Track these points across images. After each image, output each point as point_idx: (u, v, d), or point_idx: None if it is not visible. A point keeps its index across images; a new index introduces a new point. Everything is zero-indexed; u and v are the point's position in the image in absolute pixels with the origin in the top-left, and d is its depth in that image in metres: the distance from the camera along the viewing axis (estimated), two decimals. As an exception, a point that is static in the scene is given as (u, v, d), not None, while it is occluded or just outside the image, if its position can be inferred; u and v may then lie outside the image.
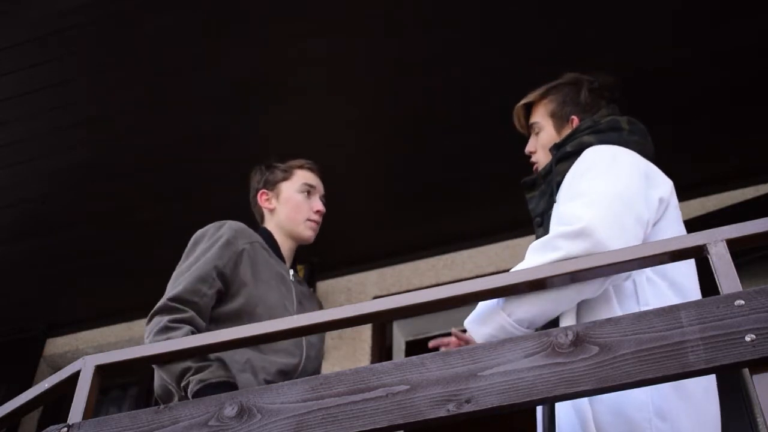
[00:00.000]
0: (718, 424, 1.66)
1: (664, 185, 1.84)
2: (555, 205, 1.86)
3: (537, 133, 2.16)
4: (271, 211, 2.39)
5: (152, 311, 2.05)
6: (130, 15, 2.80)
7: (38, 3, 2.75)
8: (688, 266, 1.77)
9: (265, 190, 2.41)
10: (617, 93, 2.18)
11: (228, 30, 2.85)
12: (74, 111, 3.14)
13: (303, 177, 2.41)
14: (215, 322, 2.09)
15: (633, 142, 1.92)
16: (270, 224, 2.38)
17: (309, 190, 2.39)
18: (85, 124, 3.20)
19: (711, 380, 1.68)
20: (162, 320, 2.00)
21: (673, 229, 1.79)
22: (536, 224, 1.96)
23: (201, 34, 2.87)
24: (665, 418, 1.53)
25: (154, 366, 2.02)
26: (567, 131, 2.07)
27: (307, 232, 2.36)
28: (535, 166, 2.15)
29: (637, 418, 1.53)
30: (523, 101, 2.22)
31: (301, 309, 2.27)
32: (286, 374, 2.09)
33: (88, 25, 2.83)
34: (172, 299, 2.04)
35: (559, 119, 2.12)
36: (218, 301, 2.12)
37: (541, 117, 2.16)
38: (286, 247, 2.36)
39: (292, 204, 2.36)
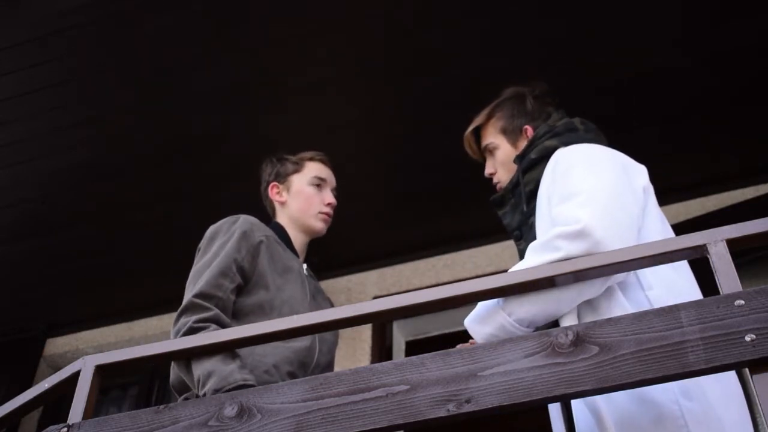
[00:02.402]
0: (742, 396, 1.66)
1: (642, 173, 1.87)
2: (537, 210, 1.87)
3: (492, 153, 2.19)
4: (282, 204, 2.38)
5: (178, 311, 2.02)
6: (130, 15, 2.80)
7: (38, 3, 2.75)
8: None
9: (276, 183, 2.40)
10: (558, 98, 2.21)
11: (228, 30, 2.85)
12: (74, 111, 3.14)
13: (314, 169, 2.40)
14: (236, 316, 2.08)
15: (591, 139, 1.97)
16: (282, 218, 2.38)
17: (320, 183, 2.39)
18: (85, 124, 3.19)
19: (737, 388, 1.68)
20: (187, 322, 1.97)
21: (656, 213, 1.83)
22: (515, 238, 2.00)
23: (201, 34, 2.86)
24: (691, 396, 1.53)
25: (173, 362, 2.01)
26: (523, 143, 2.11)
27: (319, 225, 2.35)
28: (498, 185, 2.17)
29: (664, 400, 1.52)
30: (470, 127, 2.25)
31: (314, 303, 2.27)
32: (303, 365, 2.08)
33: (88, 25, 2.83)
34: (196, 296, 2.01)
35: (511, 133, 2.15)
36: (238, 295, 2.11)
37: (492, 136, 2.19)
38: (298, 241, 2.35)
39: (303, 197, 2.36)
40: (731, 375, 1.65)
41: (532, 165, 1.98)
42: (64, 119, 3.17)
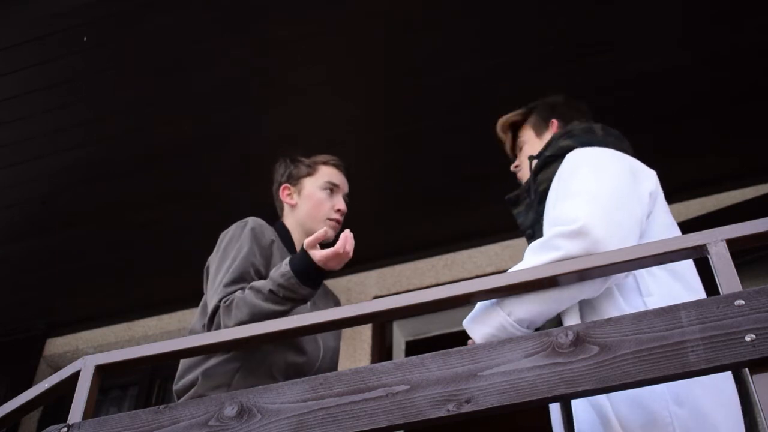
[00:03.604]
0: (737, 402, 1.66)
1: (650, 179, 1.86)
2: (545, 210, 1.87)
3: (522, 149, 2.21)
4: (292, 206, 2.35)
5: (210, 313, 2.02)
6: (130, 15, 2.80)
7: (38, 3, 2.75)
8: None
9: (287, 185, 2.36)
10: (590, 115, 2.22)
11: (228, 30, 2.85)
12: (74, 111, 3.14)
13: (327, 174, 2.36)
14: None
15: (611, 143, 1.95)
16: (289, 220, 2.35)
17: (332, 188, 2.34)
18: (85, 124, 3.19)
19: (732, 394, 1.68)
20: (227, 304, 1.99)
21: (663, 220, 1.83)
22: (527, 236, 1.99)
23: (201, 34, 2.86)
24: (682, 403, 1.53)
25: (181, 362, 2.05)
26: (547, 136, 2.12)
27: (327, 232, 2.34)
28: (520, 179, 2.18)
29: (656, 407, 1.53)
30: (507, 118, 2.27)
31: (314, 309, 2.25)
32: (301, 372, 2.08)
33: (88, 25, 2.83)
34: (222, 300, 2.02)
35: (539, 127, 2.18)
36: None
37: (525, 134, 2.22)
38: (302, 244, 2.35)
39: (314, 201, 2.32)
40: (727, 381, 1.65)
41: (545, 164, 1.97)
42: (64, 119, 3.16)
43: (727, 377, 1.66)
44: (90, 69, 2.99)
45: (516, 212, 2.05)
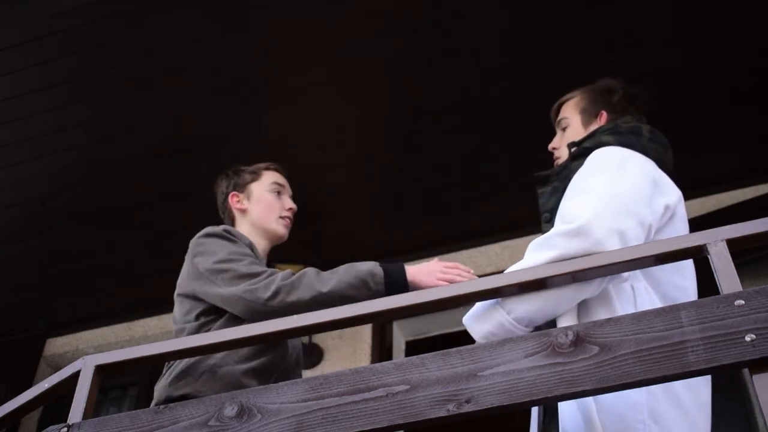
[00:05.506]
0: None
1: (673, 194, 1.82)
2: (562, 201, 1.85)
3: (564, 129, 2.17)
4: (243, 212, 2.40)
5: (239, 276, 2.05)
6: (131, 15, 2.80)
7: (38, 3, 2.75)
8: (687, 281, 1.77)
9: (235, 193, 2.43)
10: (651, 106, 2.16)
11: (228, 30, 2.85)
12: (74, 111, 3.14)
13: (271, 177, 2.44)
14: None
15: (652, 149, 1.91)
16: (243, 227, 2.39)
17: (279, 189, 2.42)
18: (85, 124, 3.20)
19: (707, 397, 1.68)
20: (274, 279, 2.02)
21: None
22: (544, 219, 1.95)
23: (201, 34, 2.87)
24: (658, 421, 1.53)
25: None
26: (594, 127, 2.08)
27: (281, 229, 2.38)
28: (556, 162, 2.15)
29: (631, 418, 1.52)
30: (559, 100, 2.23)
31: None
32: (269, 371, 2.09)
33: (88, 25, 2.83)
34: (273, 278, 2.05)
35: (587, 114, 2.13)
36: None
37: (570, 113, 2.17)
38: (260, 248, 2.36)
39: (265, 203, 2.38)
40: (705, 424, 1.65)
41: (581, 154, 1.93)
42: (64, 119, 3.17)
43: (704, 417, 1.65)
44: (90, 69, 2.99)
45: (541, 191, 2.02)
